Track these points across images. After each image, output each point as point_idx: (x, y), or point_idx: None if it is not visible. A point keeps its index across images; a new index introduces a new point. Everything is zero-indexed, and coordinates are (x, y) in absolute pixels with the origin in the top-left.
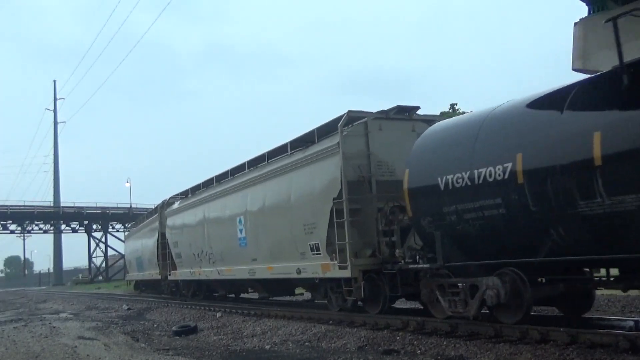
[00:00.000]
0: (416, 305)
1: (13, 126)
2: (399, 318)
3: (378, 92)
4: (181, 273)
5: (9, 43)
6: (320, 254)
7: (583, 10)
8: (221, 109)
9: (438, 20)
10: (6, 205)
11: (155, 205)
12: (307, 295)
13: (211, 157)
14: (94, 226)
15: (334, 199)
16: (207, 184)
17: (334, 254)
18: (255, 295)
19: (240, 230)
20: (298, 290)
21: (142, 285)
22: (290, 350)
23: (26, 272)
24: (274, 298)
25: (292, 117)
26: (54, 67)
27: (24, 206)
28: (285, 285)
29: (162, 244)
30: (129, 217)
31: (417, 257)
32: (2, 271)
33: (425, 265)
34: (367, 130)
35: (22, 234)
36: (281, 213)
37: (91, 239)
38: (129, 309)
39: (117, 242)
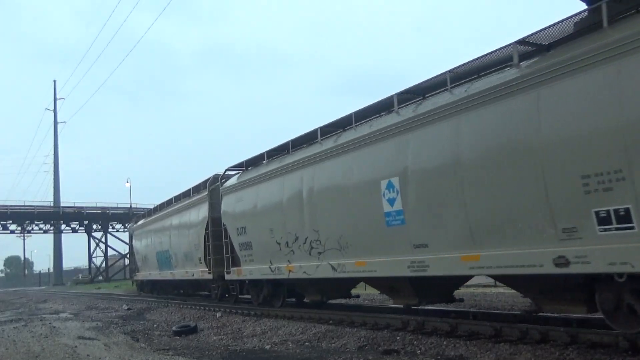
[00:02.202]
0: None
1: (13, 126)
2: (399, 318)
3: (378, 93)
4: (251, 270)
5: (9, 43)
6: (633, 227)
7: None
8: (220, 109)
9: (436, 21)
10: (6, 205)
11: (200, 182)
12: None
13: (210, 156)
14: (94, 226)
15: None
16: (303, 140)
17: None
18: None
19: (391, 201)
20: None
21: (152, 286)
22: (290, 350)
23: (26, 272)
24: (427, 306)
25: (291, 117)
26: (54, 68)
27: (24, 206)
28: (454, 285)
29: (214, 233)
30: (129, 217)
31: None
32: (2, 271)
33: None
34: None
35: (22, 234)
36: (511, 162)
37: (91, 239)
38: (129, 309)
39: (117, 242)
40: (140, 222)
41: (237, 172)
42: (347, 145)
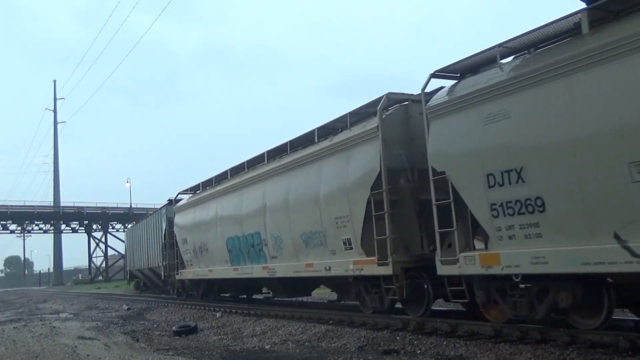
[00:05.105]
0: None
1: (13, 126)
2: (399, 318)
3: (379, 93)
4: (535, 255)
5: (8, 44)
6: None
7: None
8: (220, 110)
9: (436, 22)
10: (6, 205)
11: (340, 116)
12: None
13: (210, 157)
14: (94, 226)
15: None
16: None
17: None
18: None
19: None
20: None
21: (208, 288)
22: (290, 350)
23: (26, 272)
24: None
25: (291, 117)
26: (53, 68)
27: (24, 206)
28: None
29: (394, 194)
30: (129, 217)
31: None
32: (2, 271)
33: None
34: None
35: (22, 234)
36: None
37: (91, 239)
38: (129, 309)
39: (117, 242)
40: (186, 200)
41: (453, 79)
42: None
